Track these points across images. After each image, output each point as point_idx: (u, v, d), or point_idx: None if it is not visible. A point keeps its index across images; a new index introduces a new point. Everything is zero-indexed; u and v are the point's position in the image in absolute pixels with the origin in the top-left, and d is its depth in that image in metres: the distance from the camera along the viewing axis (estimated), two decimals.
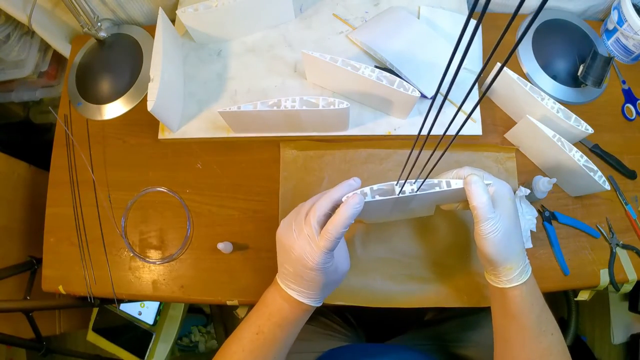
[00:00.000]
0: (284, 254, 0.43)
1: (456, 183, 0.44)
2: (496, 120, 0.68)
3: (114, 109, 0.71)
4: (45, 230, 0.66)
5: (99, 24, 0.70)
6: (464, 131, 0.66)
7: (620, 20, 0.68)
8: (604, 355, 1.03)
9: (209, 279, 0.63)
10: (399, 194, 0.43)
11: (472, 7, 0.20)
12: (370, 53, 0.69)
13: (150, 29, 0.75)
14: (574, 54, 0.71)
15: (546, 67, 0.71)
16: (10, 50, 0.80)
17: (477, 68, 0.68)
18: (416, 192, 0.43)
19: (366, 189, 0.43)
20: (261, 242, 0.63)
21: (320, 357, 0.61)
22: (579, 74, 0.69)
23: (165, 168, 0.67)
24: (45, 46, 0.85)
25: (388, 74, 0.58)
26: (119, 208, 0.66)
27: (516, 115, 0.67)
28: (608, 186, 0.58)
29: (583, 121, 0.60)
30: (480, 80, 0.70)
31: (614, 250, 0.63)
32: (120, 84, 0.72)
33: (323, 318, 0.74)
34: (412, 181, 0.44)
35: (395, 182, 0.44)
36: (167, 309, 1.00)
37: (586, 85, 0.69)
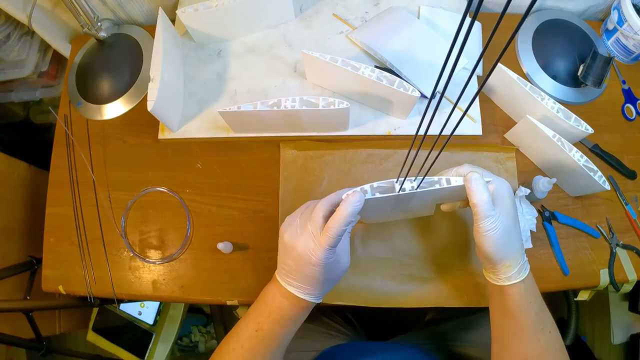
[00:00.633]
0: (287, 250, 0.44)
1: (456, 180, 0.44)
2: (496, 120, 0.68)
3: (114, 109, 0.71)
4: (45, 230, 0.66)
5: (99, 24, 0.70)
6: (464, 131, 0.66)
7: (620, 20, 0.68)
8: (604, 355, 1.03)
9: (209, 279, 0.63)
10: (399, 191, 0.43)
11: (468, 5, 0.20)
12: (370, 53, 0.69)
13: (150, 29, 0.75)
14: (574, 54, 0.71)
15: (546, 67, 0.71)
16: (10, 50, 0.80)
17: (478, 68, 0.68)
18: (416, 190, 0.43)
19: (366, 187, 0.43)
20: (261, 242, 0.63)
21: (320, 355, 0.61)
22: (579, 74, 0.69)
23: (165, 168, 0.67)
24: (45, 46, 0.85)
25: (388, 74, 0.58)
26: (119, 208, 0.66)
27: (516, 115, 0.67)
28: (608, 186, 0.58)
29: (583, 121, 0.60)
30: (481, 80, 0.70)
31: (614, 250, 0.63)
32: (120, 84, 0.72)
33: (324, 318, 0.74)
34: (412, 178, 0.44)
35: (395, 180, 0.44)
36: (167, 309, 1.00)
37: (586, 85, 0.69)
